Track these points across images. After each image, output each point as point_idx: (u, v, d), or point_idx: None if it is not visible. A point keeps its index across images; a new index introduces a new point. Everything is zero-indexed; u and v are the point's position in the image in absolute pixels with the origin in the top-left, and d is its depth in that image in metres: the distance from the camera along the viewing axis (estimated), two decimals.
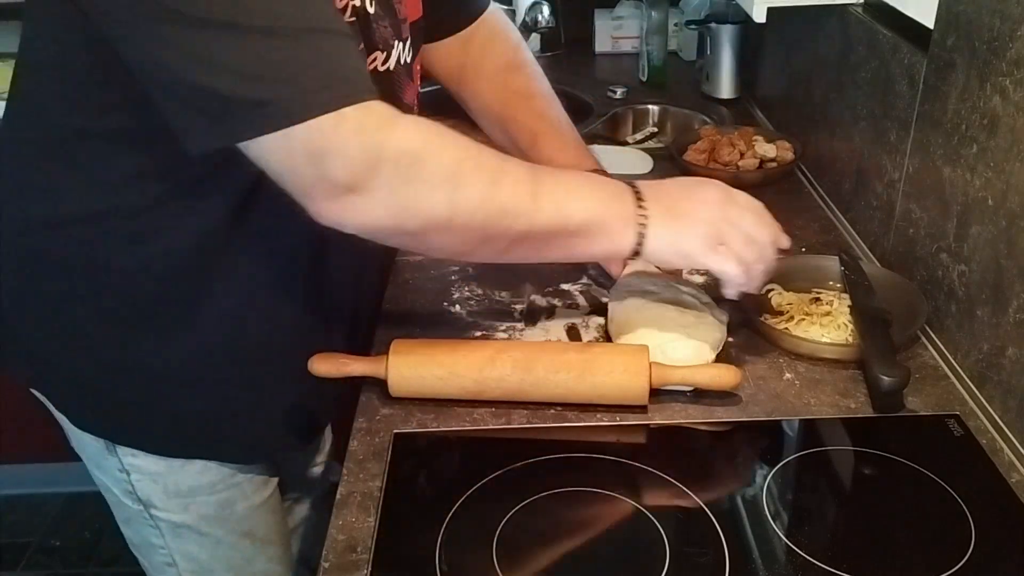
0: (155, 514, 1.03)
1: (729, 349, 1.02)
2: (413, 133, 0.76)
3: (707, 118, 1.72)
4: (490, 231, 0.81)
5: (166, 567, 1.09)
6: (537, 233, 0.83)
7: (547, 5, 1.84)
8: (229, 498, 1.04)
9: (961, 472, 0.84)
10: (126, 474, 1.01)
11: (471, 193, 0.78)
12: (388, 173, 0.74)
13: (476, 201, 0.78)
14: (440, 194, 0.77)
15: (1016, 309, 0.86)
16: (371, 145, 0.73)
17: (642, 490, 0.83)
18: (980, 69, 0.91)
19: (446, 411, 0.94)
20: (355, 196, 0.74)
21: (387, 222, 0.77)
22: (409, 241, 0.83)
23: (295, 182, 0.75)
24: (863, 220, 1.24)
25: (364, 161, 0.73)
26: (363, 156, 0.73)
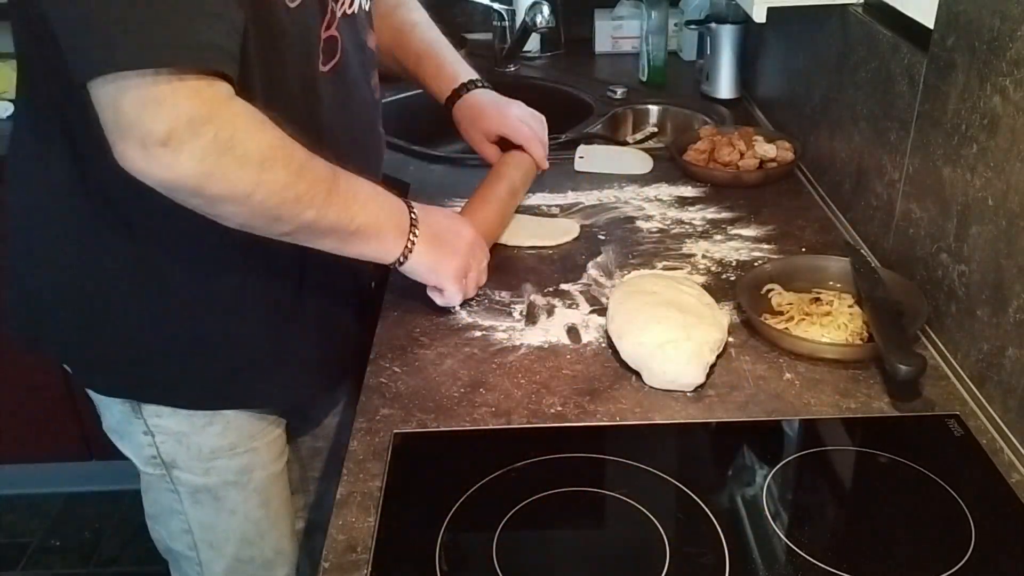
0: (177, 475, 1.09)
1: (729, 349, 1.02)
2: (242, 113, 0.82)
3: (707, 118, 1.72)
4: (281, 214, 0.88)
5: (183, 533, 1.13)
6: (321, 225, 0.91)
7: (547, 5, 1.84)
8: (248, 463, 1.10)
9: (961, 472, 0.84)
10: (151, 436, 1.06)
11: (276, 177, 0.85)
12: (207, 139, 0.79)
13: (278, 185, 0.85)
14: (248, 172, 0.83)
15: (1016, 309, 0.86)
16: (202, 110, 0.78)
17: (642, 490, 0.83)
18: (980, 69, 0.91)
19: (446, 411, 0.94)
20: (165, 151, 0.78)
21: (189, 182, 0.81)
22: (202, 204, 0.86)
23: (114, 120, 0.78)
24: (863, 220, 1.24)
25: (189, 121, 0.78)
26: (190, 116, 0.78)
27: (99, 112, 0.79)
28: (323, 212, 0.90)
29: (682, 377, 0.95)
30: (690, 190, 1.41)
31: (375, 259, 1.01)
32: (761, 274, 1.13)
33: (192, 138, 0.78)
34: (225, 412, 1.06)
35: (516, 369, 1.00)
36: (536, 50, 2.10)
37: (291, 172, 0.86)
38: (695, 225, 1.30)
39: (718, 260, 1.21)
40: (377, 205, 0.98)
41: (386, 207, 0.99)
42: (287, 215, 0.88)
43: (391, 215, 1.00)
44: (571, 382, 0.98)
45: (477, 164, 1.50)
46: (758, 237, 1.27)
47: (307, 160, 0.88)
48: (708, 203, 1.36)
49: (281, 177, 0.85)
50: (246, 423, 1.08)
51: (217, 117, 0.80)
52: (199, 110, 0.78)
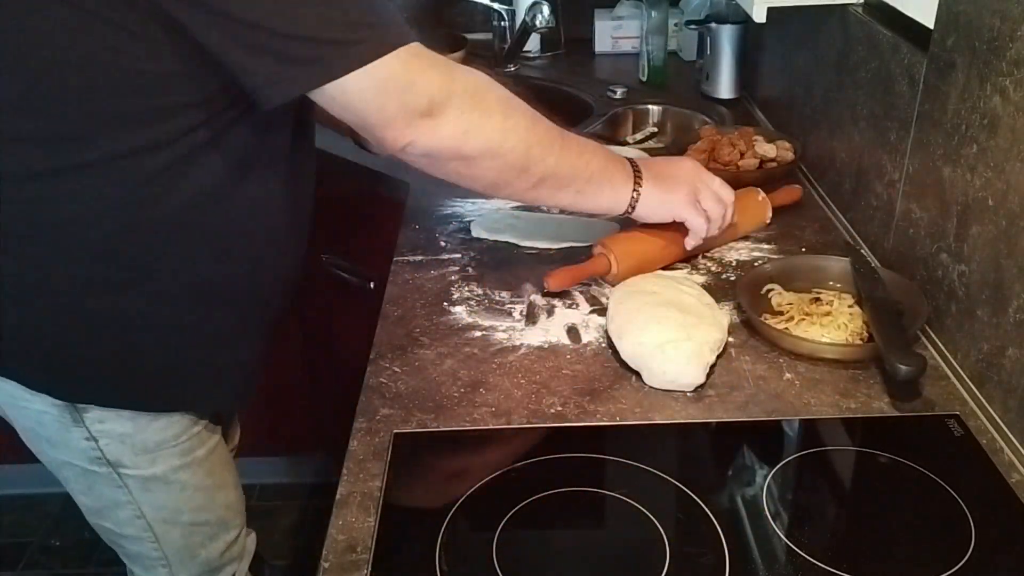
0: (123, 472, 1.09)
1: (729, 349, 1.02)
2: (467, 72, 0.90)
3: (707, 118, 1.72)
4: (528, 161, 0.95)
5: (134, 519, 1.15)
6: (563, 171, 0.98)
7: (547, 5, 1.84)
8: (191, 446, 1.11)
9: (961, 472, 0.84)
10: (94, 441, 1.05)
11: (519, 122, 0.94)
12: (459, 100, 0.88)
13: (522, 130, 0.94)
14: (495, 120, 0.91)
15: (1016, 309, 0.86)
16: (445, 76, 0.87)
17: (642, 490, 0.83)
18: (980, 69, 0.91)
19: (446, 411, 0.94)
20: (430, 120, 0.87)
21: (452, 143, 0.90)
22: (461, 167, 0.93)
23: (377, 116, 0.86)
24: (863, 220, 1.24)
25: (441, 89, 0.87)
26: (440, 84, 0.87)
27: (348, 112, 0.86)
28: (562, 158, 0.97)
29: (682, 377, 0.95)
30: None
31: (608, 209, 1.06)
32: (761, 274, 1.13)
33: (447, 103, 0.87)
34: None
35: (516, 369, 1.00)
36: (536, 50, 2.10)
37: (527, 117, 0.94)
38: None
39: (718, 260, 1.21)
40: (604, 155, 1.04)
41: (611, 156, 1.05)
42: (532, 162, 0.95)
43: (616, 161, 1.05)
44: (571, 382, 0.98)
45: None
46: (758, 237, 1.27)
47: (534, 111, 0.95)
48: None
49: (522, 122, 0.94)
50: (188, 415, 1.09)
51: (456, 79, 0.88)
52: (444, 77, 0.87)
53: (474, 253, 1.24)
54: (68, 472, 1.13)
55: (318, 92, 0.83)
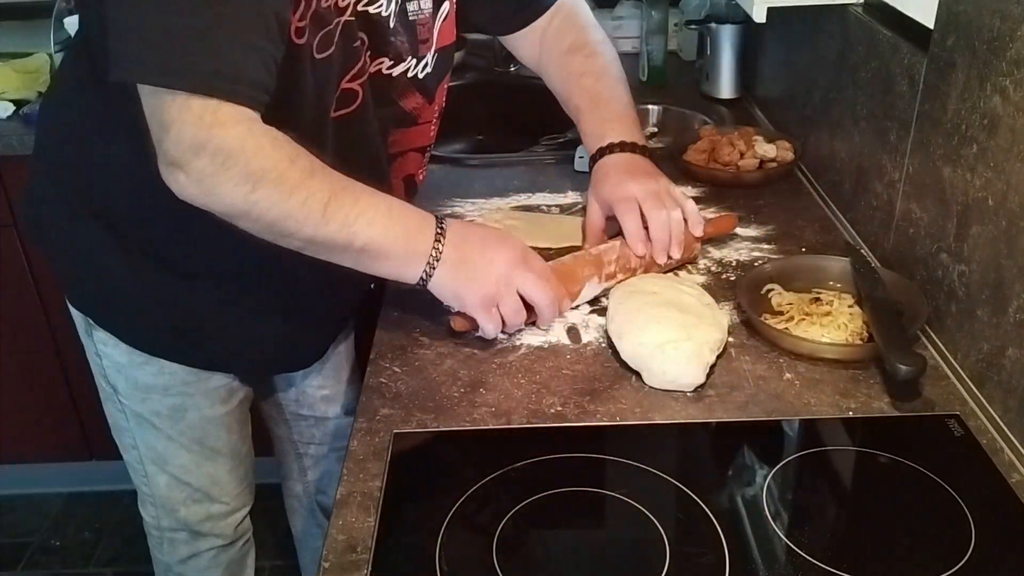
0: (121, 399, 1.19)
1: (729, 349, 1.02)
2: (240, 137, 0.86)
3: (707, 118, 1.72)
4: (282, 230, 0.92)
5: (131, 448, 1.24)
6: (322, 242, 0.94)
7: None
8: (181, 404, 1.17)
9: (961, 472, 0.84)
10: (99, 359, 1.17)
11: (265, 195, 0.89)
12: (204, 163, 0.86)
13: (268, 203, 0.89)
14: (239, 192, 0.88)
15: (1016, 309, 0.86)
16: (199, 136, 0.85)
17: (642, 490, 0.83)
18: (980, 69, 0.91)
19: (446, 411, 0.94)
20: (176, 170, 0.87)
21: (200, 200, 0.89)
22: (223, 219, 0.92)
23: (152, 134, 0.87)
24: (863, 220, 1.24)
25: (190, 147, 0.85)
26: (191, 142, 0.85)
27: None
28: (319, 230, 0.92)
29: (682, 377, 0.95)
30: (690, 190, 1.40)
31: (395, 278, 1.00)
32: (761, 274, 1.13)
33: (193, 160, 0.86)
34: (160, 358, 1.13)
35: (516, 369, 1.00)
36: None
37: (281, 192, 0.89)
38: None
39: (718, 260, 1.21)
40: (385, 225, 0.95)
41: (398, 227, 0.96)
42: (288, 231, 0.92)
43: (406, 235, 0.97)
44: (571, 382, 0.98)
45: (477, 164, 1.50)
46: (758, 237, 1.27)
47: (303, 181, 0.90)
48: (708, 203, 1.36)
49: (271, 197, 0.89)
50: (180, 370, 1.14)
51: (213, 141, 0.85)
52: (197, 136, 0.84)
53: None
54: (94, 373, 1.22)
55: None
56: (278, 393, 1.36)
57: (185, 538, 1.31)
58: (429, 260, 0.97)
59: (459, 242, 0.99)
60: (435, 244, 0.98)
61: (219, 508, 1.29)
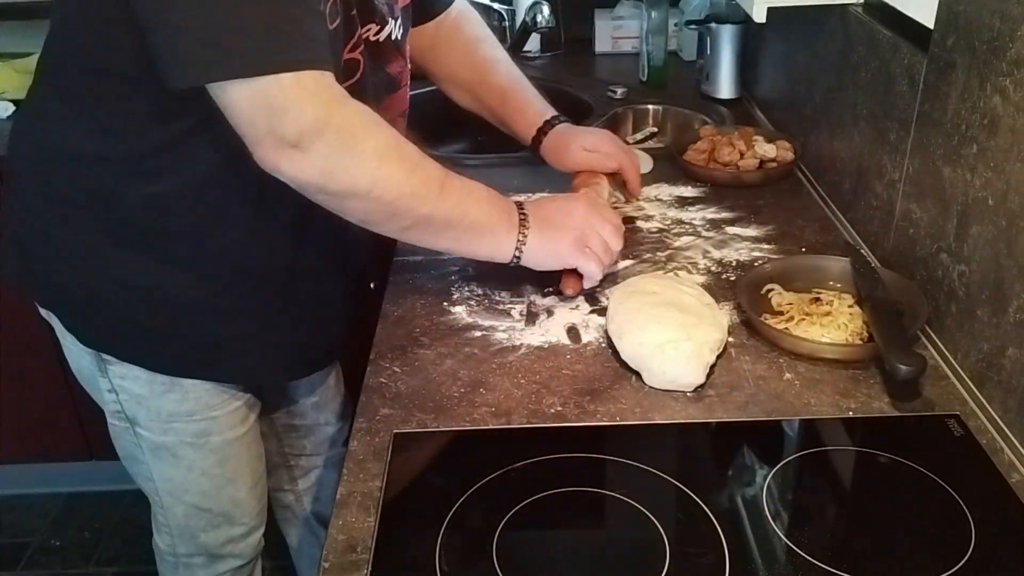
0: (139, 432, 1.15)
1: (729, 349, 1.02)
2: (358, 112, 0.89)
3: (707, 118, 1.72)
4: (399, 208, 0.94)
5: (147, 480, 1.21)
6: (437, 220, 0.97)
7: (547, 5, 1.84)
8: (205, 428, 1.15)
9: (961, 472, 0.84)
10: (115, 394, 1.12)
11: (392, 172, 0.91)
12: (330, 139, 0.86)
13: (394, 180, 0.92)
14: (367, 168, 0.89)
15: (1016, 309, 0.86)
16: (323, 112, 0.85)
17: (642, 490, 0.83)
18: (980, 69, 0.91)
19: (446, 411, 0.94)
20: (296, 152, 0.85)
21: (316, 180, 0.89)
22: (328, 201, 0.93)
23: (248, 130, 0.85)
24: (863, 220, 1.24)
25: (314, 124, 0.85)
26: (314, 119, 0.85)
27: (229, 117, 0.85)
28: (437, 207, 0.96)
29: (682, 377, 0.95)
30: (690, 190, 1.41)
31: (491, 256, 1.05)
32: (761, 274, 1.13)
33: (318, 139, 0.85)
34: (183, 381, 1.10)
35: (516, 369, 1.00)
36: (536, 50, 2.10)
37: (405, 169, 0.92)
38: (695, 225, 1.30)
39: (718, 260, 1.21)
40: (489, 202, 1.03)
41: (497, 204, 1.04)
42: (404, 210, 0.94)
43: (502, 211, 1.04)
44: (571, 382, 0.98)
45: (477, 164, 1.51)
46: (758, 237, 1.27)
47: (420, 158, 0.94)
48: (708, 203, 1.36)
49: (396, 173, 0.92)
50: (204, 394, 1.12)
51: (337, 117, 0.86)
52: (321, 112, 0.85)
53: None
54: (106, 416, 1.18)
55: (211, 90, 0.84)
56: (268, 405, 1.34)
57: (202, 562, 1.28)
58: (521, 230, 1.04)
59: (536, 209, 1.07)
60: (521, 215, 1.05)
61: (239, 530, 1.27)
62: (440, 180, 0.96)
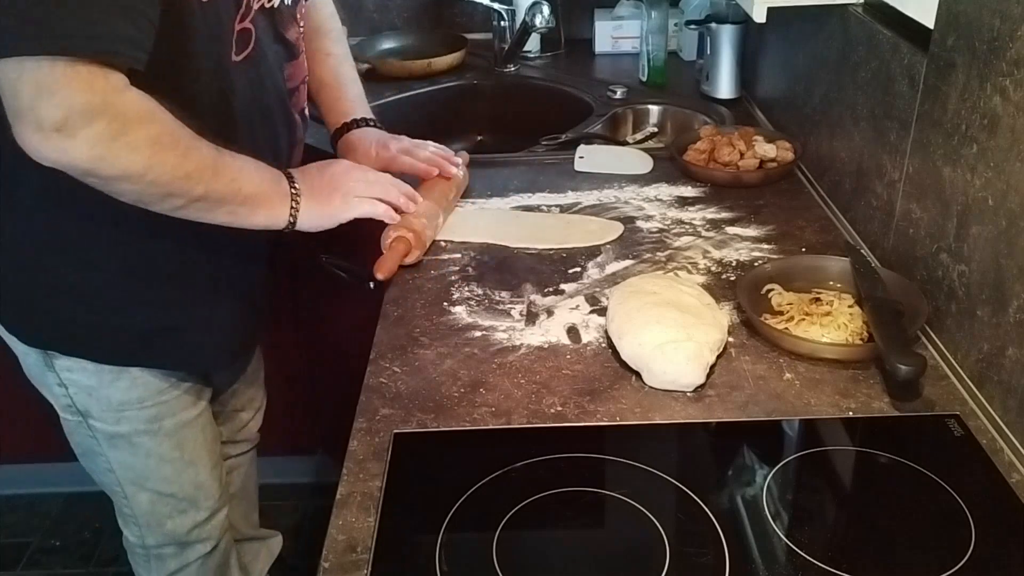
0: (92, 424, 1.17)
1: (729, 349, 1.02)
2: (133, 103, 0.89)
3: (707, 118, 1.72)
4: (173, 190, 0.95)
5: (107, 472, 1.23)
6: (212, 198, 0.99)
7: (547, 5, 1.84)
8: (157, 413, 1.17)
9: (961, 472, 0.84)
10: (64, 388, 1.14)
11: (166, 158, 0.93)
12: (100, 127, 0.86)
13: (168, 165, 0.93)
14: (140, 155, 0.90)
15: (1016, 309, 0.86)
16: (94, 100, 0.85)
17: (642, 490, 0.83)
18: (980, 69, 0.91)
19: (446, 411, 0.94)
20: (60, 135, 0.85)
21: (84, 164, 0.88)
22: (98, 184, 0.92)
23: (13, 104, 0.85)
24: (863, 220, 1.24)
25: (82, 112, 0.84)
26: (83, 106, 0.84)
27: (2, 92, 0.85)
28: (212, 186, 0.97)
29: (682, 377, 0.95)
30: (690, 190, 1.41)
31: (267, 226, 1.07)
32: (761, 274, 1.13)
33: (85, 126, 0.85)
34: (130, 369, 1.12)
35: (516, 369, 1.00)
36: (536, 50, 2.09)
37: (179, 154, 0.93)
38: (695, 225, 1.30)
39: (718, 260, 1.21)
40: (259, 176, 1.05)
41: (267, 176, 1.06)
42: (179, 191, 0.95)
43: (273, 182, 1.06)
44: (571, 382, 0.98)
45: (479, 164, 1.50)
46: (758, 237, 1.27)
47: (192, 141, 0.95)
48: (708, 203, 1.36)
49: (170, 159, 0.93)
50: (153, 379, 1.15)
51: (109, 107, 0.86)
52: (92, 100, 0.84)
53: (474, 253, 1.24)
54: (58, 413, 1.20)
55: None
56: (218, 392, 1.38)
57: (173, 552, 1.31)
58: (293, 196, 1.07)
59: (305, 177, 1.11)
60: (291, 183, 1.08)
61: (204, 514, 1.30)
62: (213, 160, 0.98)
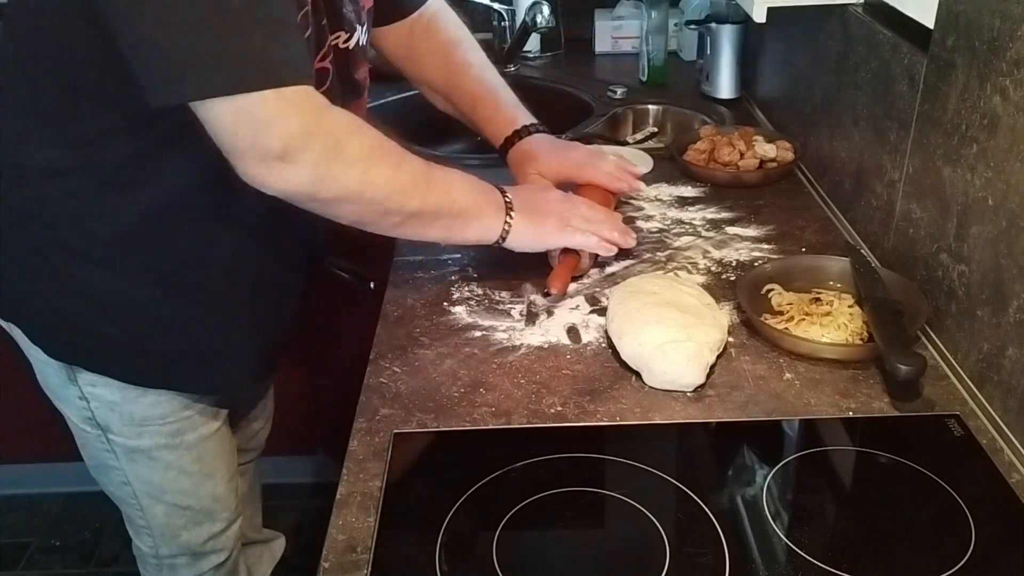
0: (112, 438, 1.14)
1: (729, 349, 1.02)
2: (341, 119, 0.91)
3: (707, 118, 1.72)
4: (390, 206, 0.97)
5: (122, 485, 1.20)
6: (427, 212, 1.00)
7: (547, 5, 1.84)
8: (179, 428, 1.15)
9: (961, 472, 0.84)
10: (85, 402, 1.11)
11: (379, 173, 0.94)
12: (317, 148, 0.87)
13: (382, 179, 0.94)
14: (355, 171, 0.92)
15: (1016, 309, 0.86)
16: (308, 122, 0.86)
17: (642, 490, 0.83)
18: (980, 69, 0.91)
19: (446, 411, 0.94)
20: (283, 164, 0.86)
21: (307, 188, 0.90)
22: (320, 207, 0.94)
23: (233, 143, 0.86)
24: (863, 220, 1.24)
25: (300, 135, 0.86)
26: (300, 130, 0.86)
27: (211, 132, 0.85)
28: (426, 200, 0.99)
29: (682, 377, 0.95)
30: (690, 190, 1.41)
31: (478, 240, 1.07)
32: (761, 274, 1.13)
33: (305, 149, 0.87)
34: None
35: (516, 369, 1.00)
36: (536, 50, 2.10)
37: (391, 167, 0.95)
38: (695, 225, 1.30)
39: (718, 260, 1.21)
40: (473, 189, 1.06)
41: (481, 189, 1.07)
42: (395, 206, 0.96)
43: (487, 195, 1.07)
44: (571, 382, 0.98)
45: (478, 164, 1.50)
46: (758, 237, 1.27)
47: (404, 155, 0.96)
48: (708, 203, 1.36)
49: (384, 172, 0.94)
50: (177, 397, 1.12)
51: (322, 126, 0.88)
52: (306, 123, 0.86)
53: (474, 253, 1.24)
54: (71, 424, 1.17)
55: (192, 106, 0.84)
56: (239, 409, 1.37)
57: (186, 562, 1.29)
58: (507, 210, 1.07)
59: (520, 194, 1.11)
60: (505, 197, 1.08)
61: (219, 525, 1.27)
62: (425, 173, 0.99)
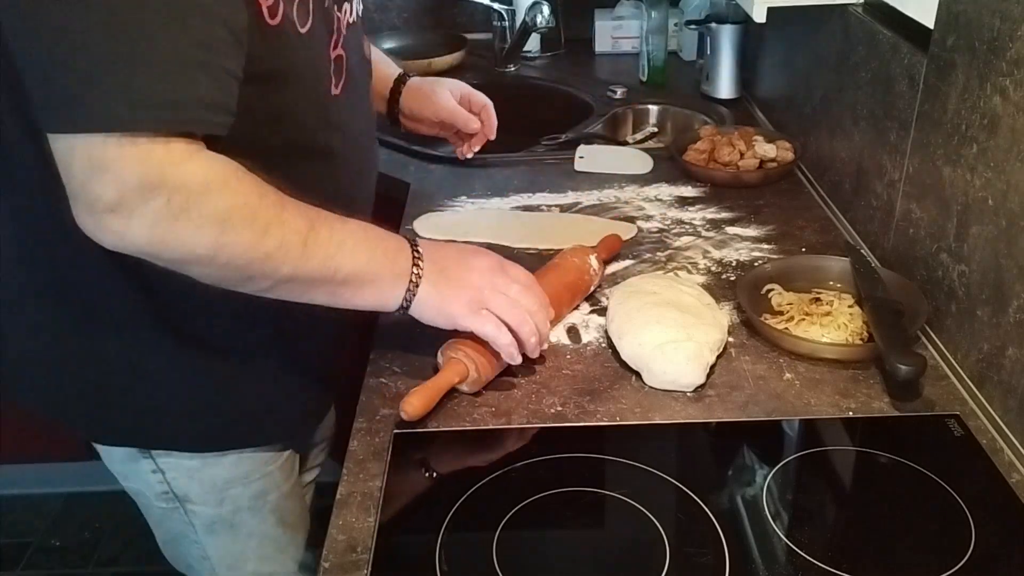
0: (191, 509, 1.06)
1: (729, 349, 1.02)
2: (200, 174, 0.76)
3: (707, 118, 1.72)
4: (253, 272, 0.82)
5: (201, 560, 1.12)
6: (302, 278, 0.85)
7: (547, 5, 1.84)
8: (263, 488, 1.08)
9: (961, 472, 0.84)
10: (161, 474, 1.03)
11: (238, 239, 0.79)
12: (157, 205, 0.75)
13: (243, 245, 0.80)
14: (206, 235, 0.78)
15: (1016, 309, 0.86)
16: (149, 175, 0.74)
17: (642, 490, 0.83)
18: (980, 69, 0.91)
19: (446, 411, 0.94)
20: (115, 216, 0.75)
21: (144, 248, 0.78)
22: (168, 266, 0.81)
23: (68, 185, 0.75)
24: (863, 220, 1.24)
25: (136, 187, 0.74)
26: (137, 182, 0.73)
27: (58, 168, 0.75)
28: (301, 266, 0.84)
29: (682, 377, 0.95)
30: (690, 190, 1.41)
31: (375, 308, 0.92)
32: (761, 274, 1.13)
33: (141, 204, 0.74)
34: None
35: (516, 369, 1.00)
36: (536, 50, 2.10)
37: (256, 231, 0.80)
38: (695, 225, 1.30)
39: (718, 260, 1.21)
40: (368, 250, 0.89)
41: (379, 251, 0.90)
42: (260, 273, 0.83)
43: (387, 258, 0.91)
44: (571, 382, 0.98)
45: (477, 164, 1.50)
46: (758, 237, 1.27)
47: (277, 215, 0.81)
48: (708, 203, 1.36)
49: (245, 237, 0.79)
50: (258, 452, 1.06)
51: (168, 181, 0.74)
52: (148, 176, 0.73)
53: None
54: (142, 501, 1.11)
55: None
56: None
57: None
58: (411, 279, 0.91)
59: (437, 257, 0.94)
60: (415, 262, 0.92)
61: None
62: (303, 236, 0.83)
